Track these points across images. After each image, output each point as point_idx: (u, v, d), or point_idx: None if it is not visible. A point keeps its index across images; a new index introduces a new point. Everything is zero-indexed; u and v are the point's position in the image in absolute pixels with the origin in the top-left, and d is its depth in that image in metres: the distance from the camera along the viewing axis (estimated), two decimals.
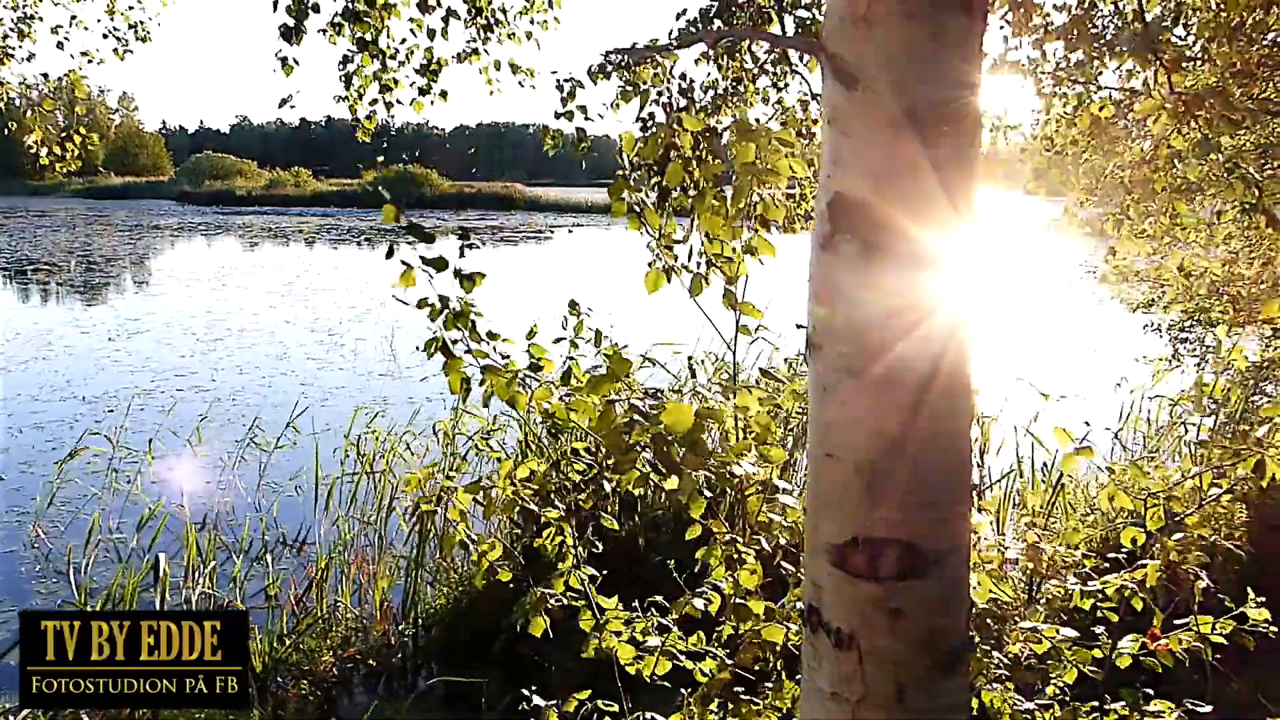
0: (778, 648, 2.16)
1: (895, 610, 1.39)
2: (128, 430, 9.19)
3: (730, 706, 2.20)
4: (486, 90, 5.21)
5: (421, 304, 2.21)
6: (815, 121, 5.06)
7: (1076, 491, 6.57)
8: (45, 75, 5.64)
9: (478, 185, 69.24)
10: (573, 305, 2.31)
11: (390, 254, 2.01)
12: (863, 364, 1.40)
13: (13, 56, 5.43)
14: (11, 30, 5.34)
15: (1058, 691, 2.15)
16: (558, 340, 2.24)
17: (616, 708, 2.42)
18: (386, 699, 4.88)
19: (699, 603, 2.30)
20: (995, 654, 2.20)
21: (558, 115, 4.14)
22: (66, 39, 5.48)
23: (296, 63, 4.44)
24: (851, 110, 1.38)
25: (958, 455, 1.42)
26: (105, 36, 5.57)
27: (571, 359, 2.16)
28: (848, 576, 1.42)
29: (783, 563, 2.25)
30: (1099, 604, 2.01)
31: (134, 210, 56.09)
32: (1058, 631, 2.01)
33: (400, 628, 5.57)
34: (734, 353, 2.09)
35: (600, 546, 2.56)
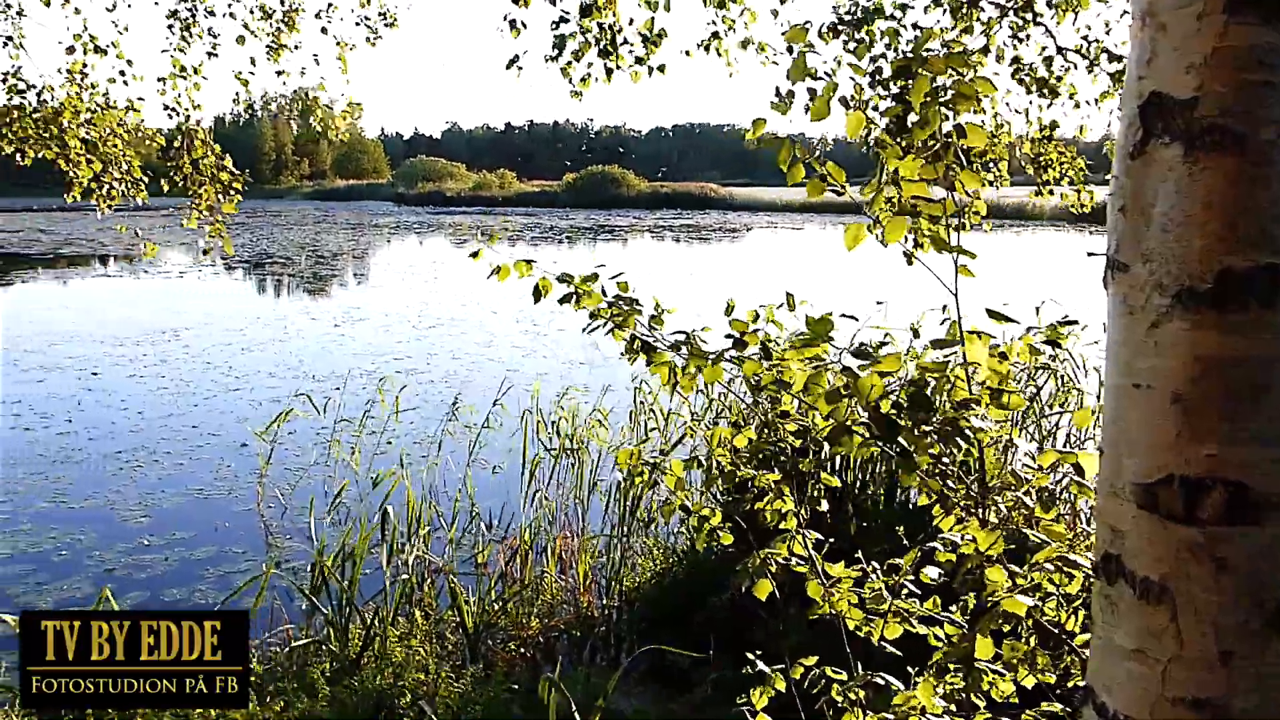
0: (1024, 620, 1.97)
1: (1220, 560, 1.21)
2: (350, 407, 9.86)
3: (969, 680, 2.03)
4: (726, 72, 5.23)
5: (595, 315, 2.44)
6: (1060, 78, 4.74)
7: None
8: (316, 57, 6.00)
9: (673, 185, 70.08)
10: (789, 296, 2.29)
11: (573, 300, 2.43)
12: (1183, 281, 1.23)
13: (285, 48, 5.80)
14: (282, 24, 5.72)
15: None
16: (756, 319, 2.20)
17: (845, 675, 2.29)
18: (591, 668, 4.93)
19: (933, 571, 2.15)
20: None
21: (789, 76, 4.04)
22: (329, 23, 5.87)
23: (524, 25, 4.56)
24: None
25: None
26: (357, 25, 5.94)
27: (766, 334, 2.11)
28: (1159, 520, 1.24)
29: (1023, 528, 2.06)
30: None
31: (356, 210, 60.46)
32: None
33: (604, 601, 5.63)
34: (956, 297, 1.88)
35: (824, 505, 2.45)
